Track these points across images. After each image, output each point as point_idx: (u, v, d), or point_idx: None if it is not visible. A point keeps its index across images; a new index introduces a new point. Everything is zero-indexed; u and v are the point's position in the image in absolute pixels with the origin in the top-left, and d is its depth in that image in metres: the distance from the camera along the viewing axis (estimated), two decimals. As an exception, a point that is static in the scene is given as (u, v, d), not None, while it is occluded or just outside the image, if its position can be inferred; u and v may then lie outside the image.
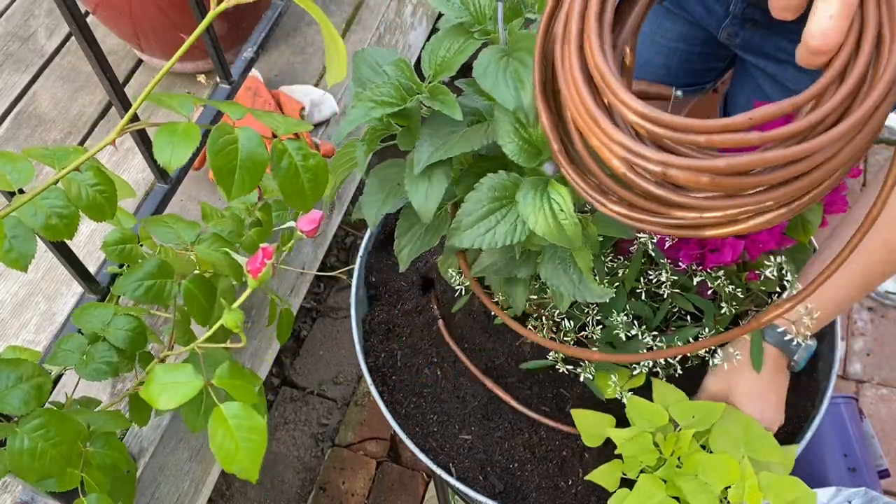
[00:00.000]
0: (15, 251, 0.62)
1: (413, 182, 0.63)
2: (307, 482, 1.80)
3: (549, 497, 0.84)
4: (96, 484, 0.73)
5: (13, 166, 0.65)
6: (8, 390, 0.64)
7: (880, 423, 1.83)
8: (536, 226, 0.57)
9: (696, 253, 0.81)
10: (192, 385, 0.66)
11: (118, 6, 1.26)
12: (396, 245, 0.72)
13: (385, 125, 0.66)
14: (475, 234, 0.60)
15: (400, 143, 0.66)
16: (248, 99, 1.33)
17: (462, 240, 0.61)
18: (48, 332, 1.12)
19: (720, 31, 1.15)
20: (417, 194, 0.63)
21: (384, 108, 0.60)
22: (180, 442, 1.06)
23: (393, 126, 0.66)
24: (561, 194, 0.57)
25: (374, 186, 0.70)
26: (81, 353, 0.78)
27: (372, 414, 1.89)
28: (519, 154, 0.58)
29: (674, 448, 0.76)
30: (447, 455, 0.87)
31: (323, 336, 2.02)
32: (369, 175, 0.70)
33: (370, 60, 0.67)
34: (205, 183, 1.29)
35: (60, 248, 0.83)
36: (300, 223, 0.86)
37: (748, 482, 0.73)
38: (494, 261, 0.72)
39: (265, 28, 1.24)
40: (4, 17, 1.56)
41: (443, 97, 0.59)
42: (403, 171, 0.68)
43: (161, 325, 1.11)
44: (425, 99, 0.60)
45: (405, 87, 0.62)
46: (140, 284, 0.77)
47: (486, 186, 0.60)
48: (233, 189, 0.59)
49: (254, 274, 0.71)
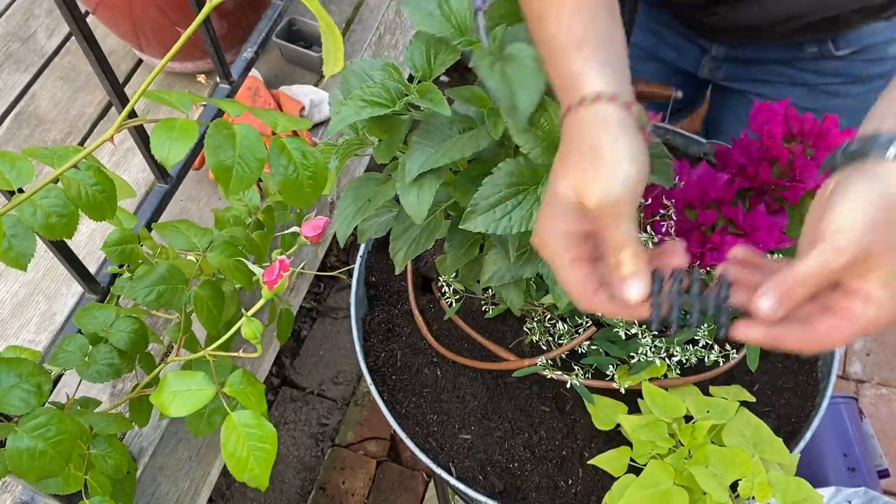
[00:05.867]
0: (14, 250, 0.62)
1: (404, 186, 0.63)
2: (307, 482, 1.80)
3: (549, 497, 0.84)
4: (99, 486, 0.74)
5: (13, 166, 0.65)
6: (8, 390, 0.64)
7: (880, 423, 1.83)
8: None
9: (696, 252, 0.81)
10: (205, 393, 0.66)
11: (118, 6, 1.26)
12: (392, 248, 0.72)
13: (360, 139, 0.66)
14: (491, 218, 0.61)
15: (376, 156, 0.67)
16: (248, 99, 1.33)
17: (477, 224, 0.61)
18: (48, 332, 1.12)
19: (699, 68, 1.15)
20: (409, 198, 0.63)
21: (374, 109, 0.60)
22: (180, 442, 1.06)
23: (367, 140, 0.66)
24: None
25: (347, 201, 0.70)
26: (83, 354, 0.78)
27: (372, 414, 1.89)
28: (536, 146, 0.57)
29: (689, 438, 0.77)
30: (447, 455, 0.87)
31: (323, 336, 2.02)
32: (345, 189, 0.71)
33: (359, 71, 0.67)
34: (205, 183, 1.30)
35: (60, 247, 0.83)
36: (304, 229, 0.86)
37: (758, 478, 0.73)
38: (499, 267, 0.72)
39: (265, 28, 1.24)
40: (4, 17, 1.56)
41: (431, 95, 0.60)
42: (377, 185, 0.68)
43: (161, 325, 1.11)
44: (414, 99, 0.60)
45: (394, 90, 0.62)
46: (152, 290, 0.77)
47: (503, 171, 0.60)
48: (231, 184, 0.59)
49: (270, 286, 0.71)
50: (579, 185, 0.53)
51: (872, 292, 0.52)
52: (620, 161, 0.52)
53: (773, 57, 1.07)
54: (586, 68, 0.55)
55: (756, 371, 0.86)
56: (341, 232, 0.70)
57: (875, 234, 0.51)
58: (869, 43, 1.00)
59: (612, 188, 0.52)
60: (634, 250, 0.53)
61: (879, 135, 0.53)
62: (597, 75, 0.54)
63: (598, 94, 0.53)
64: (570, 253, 0.55)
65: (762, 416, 0.82)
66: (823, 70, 1.04)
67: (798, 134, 0.85)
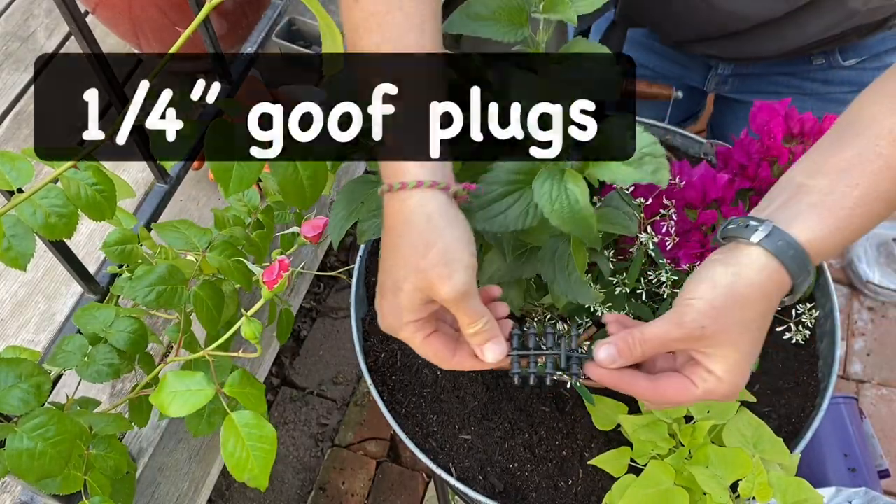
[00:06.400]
0: (14, 250, 0.62)
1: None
2: (307, 482, 1.80)
3: (549, 497, 0.84)
4: (98, 486, 0.73)
5: (13, 166, 0.65)
6: (7, 390, 0.64)
7: (880, 423, 1.83)
8: (552, 215, 0.58)
9: (696, 253, 0.81)
10: (204, 393, 0.66)
11: (118, 6, 1.26)
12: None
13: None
14: (488, 215, 0.61)
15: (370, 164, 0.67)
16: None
17: (475, 221, 0.61)
18: (48, 332, 1.11)
19: (706, 83, 1.15)
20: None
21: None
22: (180, 442, 1.06)
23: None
24: (577, 184, 0.58)
25: (340, 204, 0.71)
26: (83, 354, 0.78)
27: (372, 414, 1.89)
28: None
29: (689, 438, 0.77)
30: (447, 455, 0.87)
31: (323, 336, 2.02)
32: (339, 193, 0.71)
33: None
34: (205, 183, 1.29)
35: (60, 247, 0.83)
36: (304, 229, 0.86)
37: (759, 478, 0.73)
38: (498, 267, 0.72)
39: (265, 28, 1.24)
40: (4, 17, 1.56)
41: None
42: (371, 187, 0.69)
43: (160, 325, 1.11)
44: None
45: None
46: (151, 290, 0.76)
47: (500, 169, 0.60)
48: (231, 184, 0.59)
49: (270, 286, 0.71)
50: (426, 286, 0.56)
51: (712, 368, 0.57)
52: (458, 256, 0.56)
53: (780, 70, 1.07)
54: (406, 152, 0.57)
55: (756, 371, 0.86)
56: (334, 235, 0.71)
57: (715, 316, 0.56)
58: (877, 51, 1.00)
59: (459, 283, 0.56)
60: (486, 320, 0.58)
61: (751, 219, 0.58)
62: (417, 160, 0.57)
63: (420, 182, 0.56)
64: (422, 334, 0.60)
65: (763, 416, 0.82)
66: (831, 79, 1.04)
67: (798, 134, 0.85)
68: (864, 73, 1.02)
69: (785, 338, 0.86)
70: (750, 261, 0.57)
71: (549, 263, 0.67)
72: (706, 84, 1.15)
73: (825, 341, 0.90)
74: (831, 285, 0.90)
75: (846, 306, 2.03)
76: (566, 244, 0.67)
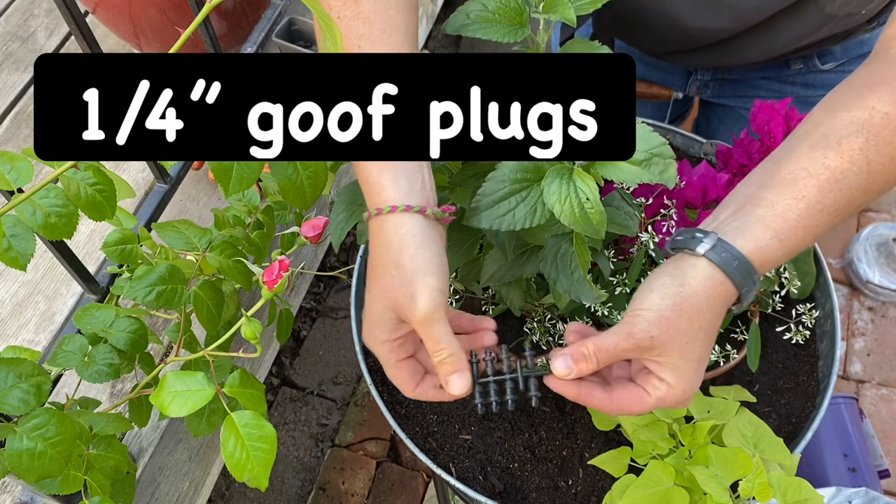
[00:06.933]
0: (14, 250, 0.62)
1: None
2: (307, 482, 1.80)
3: (549, 497, 0.84)
4: (98, 486, 0.73)
5: (13, 166, 0.65)
6: (7, 390, 0.64)
7: (880, 423, 1.83)
8: (562, 215, 0.58)
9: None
10: (205, 393, 0.66)
11: (118, 6, 1.26)
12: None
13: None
14: (495, 214, 0.61)
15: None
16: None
17: (480, 220, 0.61)
18: (48, 332, 1.11)
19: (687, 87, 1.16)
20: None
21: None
22: (180, 442, 1.06)
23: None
24: (587, 183, 0.58)
25: (340, 206, 0.71)
26: (83, 354, 0.78)
27: (372, 414, 1.89)
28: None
29: (689, 439, 0.77)
30: (447, 455, 0.87)
31: (323, 336, 2.02)
32: (338, 195, 0.71)
33: None
34: (204, 183, 1.29)
35: (60, 247, 0.83)
36: (304, 229, 0.86)
37: (759, 478, 0.73)
38: (498, 267, 0.72)
39: (265, 28, 1.24)
40: (4, 17, 1.56)
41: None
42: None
43: (160, 325, 1.11)
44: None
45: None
46: (152, 289, 0.76)
47: (507, 168, 0.60)
48: (231, 184, 0.59)
49: (270, 286, 0.71)
50: (395, 307, 0.59)
51: (663, 376, 0.59)
52: (425, 279, 0.57)
53: (760, 75, 1.07)
54: (382, 177, 0.59)
55: (756, 371, 0.86)
56: (335, 237, 0.71)
57: (662, 325, 0.57)
58: (854, 55, 1.00)
59: (423, 305, 0.57)
60: (452, 350, 0.59)
61: (697, 231, 0.59)
62: (391, 184, 0.59)
63: (394, 207, 0.58)
64: (395, 356, 0.62)
65: (763, 416, 0.82)
66: (811, 83, 1.04)
67: (798, 134, 0.84)
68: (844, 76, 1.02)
69: (785, 338, 0.86)
70: (696, 272, 0.58)
71: (552, 263, 0.67)
72: (687, 88, 1.15)
73: (825, 341, 0.90)
74: (831, 285, 0.90)
75: (846, 306, 2.03)
76: (569, 243, 0.67)
